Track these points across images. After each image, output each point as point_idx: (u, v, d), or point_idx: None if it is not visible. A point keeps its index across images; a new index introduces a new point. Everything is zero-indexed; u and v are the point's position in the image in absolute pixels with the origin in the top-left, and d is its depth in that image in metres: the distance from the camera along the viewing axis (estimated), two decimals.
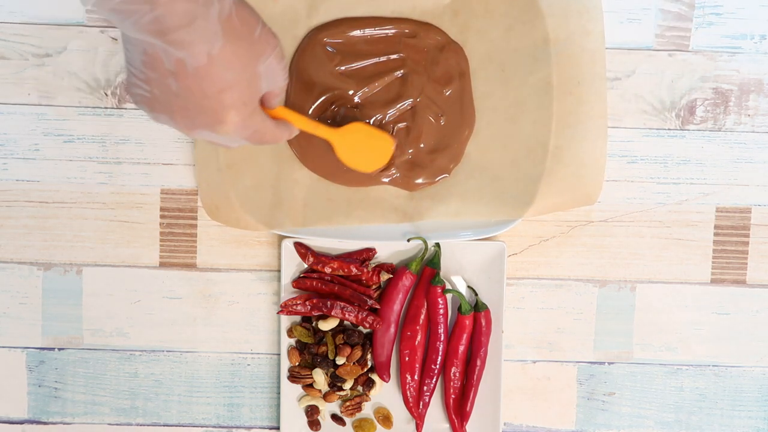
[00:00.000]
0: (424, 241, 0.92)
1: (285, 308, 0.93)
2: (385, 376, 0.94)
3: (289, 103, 0.91)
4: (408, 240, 0.91)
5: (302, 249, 0.92)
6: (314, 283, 0.93)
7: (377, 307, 0.93)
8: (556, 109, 0.90)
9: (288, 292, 0.94)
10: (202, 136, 0.69)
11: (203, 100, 0.66)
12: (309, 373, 0.93)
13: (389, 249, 0.94)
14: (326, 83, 0.90)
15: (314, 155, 0.92)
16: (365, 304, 0.92)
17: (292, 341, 0.95)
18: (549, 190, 0.90)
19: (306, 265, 0.93)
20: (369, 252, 0.93)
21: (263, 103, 0.74)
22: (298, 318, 0.95)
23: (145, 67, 0.65)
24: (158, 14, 0.61)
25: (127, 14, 0.61)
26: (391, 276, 0.93)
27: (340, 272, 0.92)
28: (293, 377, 0.94)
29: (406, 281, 0.93)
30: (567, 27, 0.89)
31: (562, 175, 0.90)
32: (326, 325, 0.93)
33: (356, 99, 0.91)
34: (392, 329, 0.93)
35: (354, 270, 0.92)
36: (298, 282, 0.93)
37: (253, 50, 0.67)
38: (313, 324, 0.94)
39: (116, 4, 0.60)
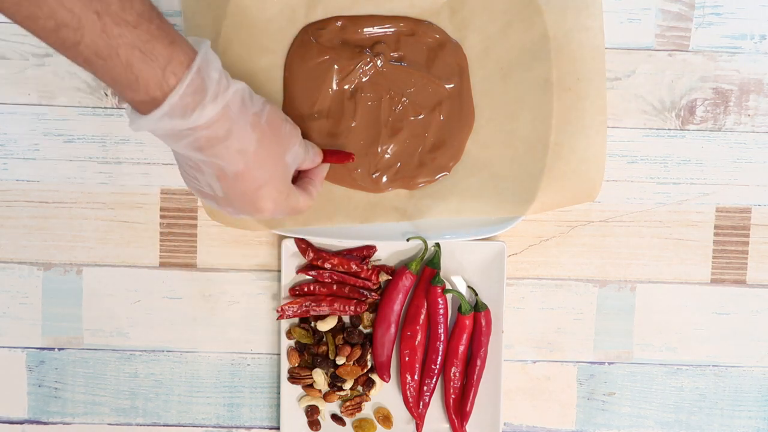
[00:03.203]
0: (424, 241, 0.92)
1: (282, 312, 0.92)
2: (385, 376, 0.94)
3: (293, 97, 0.91)
4: (407, 240, 0.91)
5: (303, 244, 0.92)
6: (311, 287, 0.93)
7: (378, 298, 0.93)
8: (555, 105, 0.90)
9: (287, 294, 0.94)
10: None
11: (243, 197, 0.75)
12: (309, 373, 0.93)
13: (389, 249, 0.94)
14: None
15: None
16: (363, 297, 0.92)
17: (292, 342, 0.94)
18: (549, 187, 0.90)
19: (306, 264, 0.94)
20: (369, 249, 0.93)
21: (300, 175, 0.84)
22: (297, 319, 0.95)
23: (193, 171, 0.75)
24: (198, 136, 0.70)
25: (173, 139, 0.70)
26: (390, 278, 0.93)
27: (340, 268, 0.92)
28: (293, 378, 0.94)
29: (406, 281, 0.93)
30: (565, 23, 0.89)
31: (562, 171, 0.90)
32: (324, 326, 0.93)
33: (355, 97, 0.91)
34: (392, 329, 0.93)
35: (354, 267, 0.92)
36: (293, 290, 0.93)
37: (281, 145, 0.76)
38: (312, 324, 0.94)
39: (161, 133, 0.69)
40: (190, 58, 0.68)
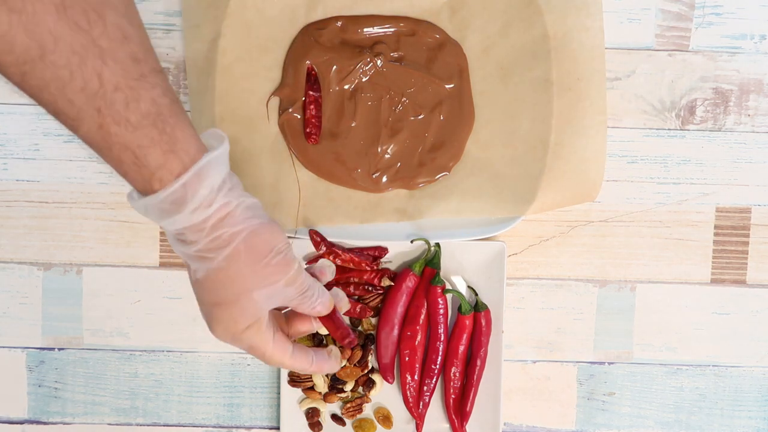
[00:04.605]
0: (428, 243, 0.91)
1: None
2: (389, 377, 0.93)
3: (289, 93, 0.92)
4: (411, 241, 0.91)
5: (317, 237, 0.91)
6: None
7: (381, 295, 0.92)
8: (555, 105, 0.90)
9: None
10: None
11: (200, 305, 0.72)
12: (309, 376, 0.93)
13: (391, 250, 0.94)
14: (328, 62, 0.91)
15: (314, 156, 0.92)
16: (366, 301, 0.92)
17: None
18: (550, 187, 0.90)
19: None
20: (381, 250, 0.92)
21: (288, 322, 0.77)
22: None
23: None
24: (175, 232, 0.67)
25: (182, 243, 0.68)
26: (392, 284, 0.93)
27: (350, 266, 0.91)
28: (293, 381, 0.94)
29: (410, 283, 0.93)
30: (565, 23, 0.89)
31: (562, 171, 0.90)
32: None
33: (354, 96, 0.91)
34: (396, 331, 0.93)
35: (365, 266, 0.91)
36: None
37: (255, 276, 0.69)
38: None
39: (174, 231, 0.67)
40: (184, 168, 0.64)
